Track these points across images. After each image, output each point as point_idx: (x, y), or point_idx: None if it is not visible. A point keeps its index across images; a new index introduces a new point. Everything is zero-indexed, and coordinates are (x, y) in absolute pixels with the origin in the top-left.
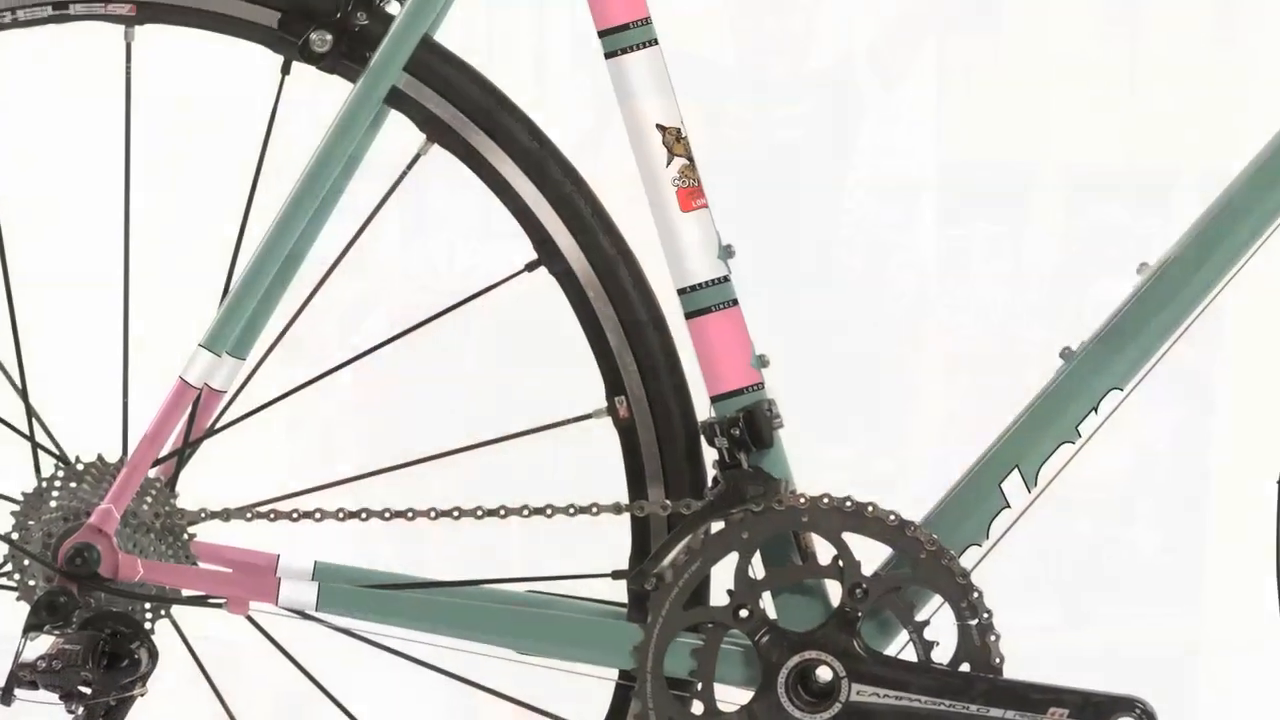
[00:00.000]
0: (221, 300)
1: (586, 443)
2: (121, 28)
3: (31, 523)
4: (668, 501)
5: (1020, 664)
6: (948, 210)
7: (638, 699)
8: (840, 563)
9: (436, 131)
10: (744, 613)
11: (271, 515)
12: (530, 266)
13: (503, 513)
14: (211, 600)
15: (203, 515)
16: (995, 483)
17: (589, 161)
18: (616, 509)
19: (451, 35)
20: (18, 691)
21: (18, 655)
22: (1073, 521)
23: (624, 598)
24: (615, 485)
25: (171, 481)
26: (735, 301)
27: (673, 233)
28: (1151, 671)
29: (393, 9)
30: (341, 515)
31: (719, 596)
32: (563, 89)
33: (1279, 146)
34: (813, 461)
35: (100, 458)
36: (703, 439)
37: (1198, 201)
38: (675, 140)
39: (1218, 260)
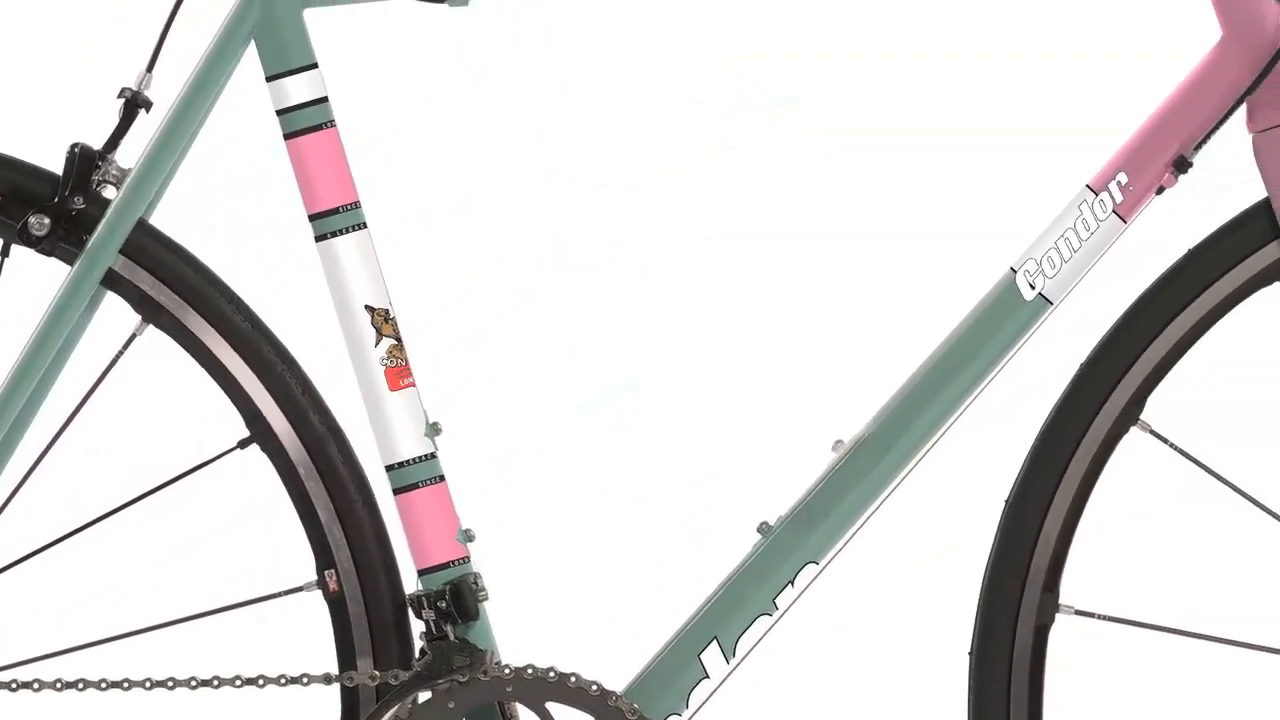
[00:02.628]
0: None
1: (298, 615)
2: None
3: None
4: (376, 672)
5: None
6: None
7: None
8: None
9: (151, 312)
10: None
11: None
12: (242, 443)
13: (216, 683)
14: None
15: None
16: (694, 653)
17: (299, 339)
18: (326, 679)
19: (168, 218)
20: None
21: None
22: None
23: None
24: (325, 656)
25: None
26: (442, 477)
27: (381, 410)
28: None
29: (109, 194)
30: (37, 687)
31: None
32: (278, 269)
33: (968, 329)
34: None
35: None
36: (410, 611)
37: None
38: (384, 321)
39: (909, 440)
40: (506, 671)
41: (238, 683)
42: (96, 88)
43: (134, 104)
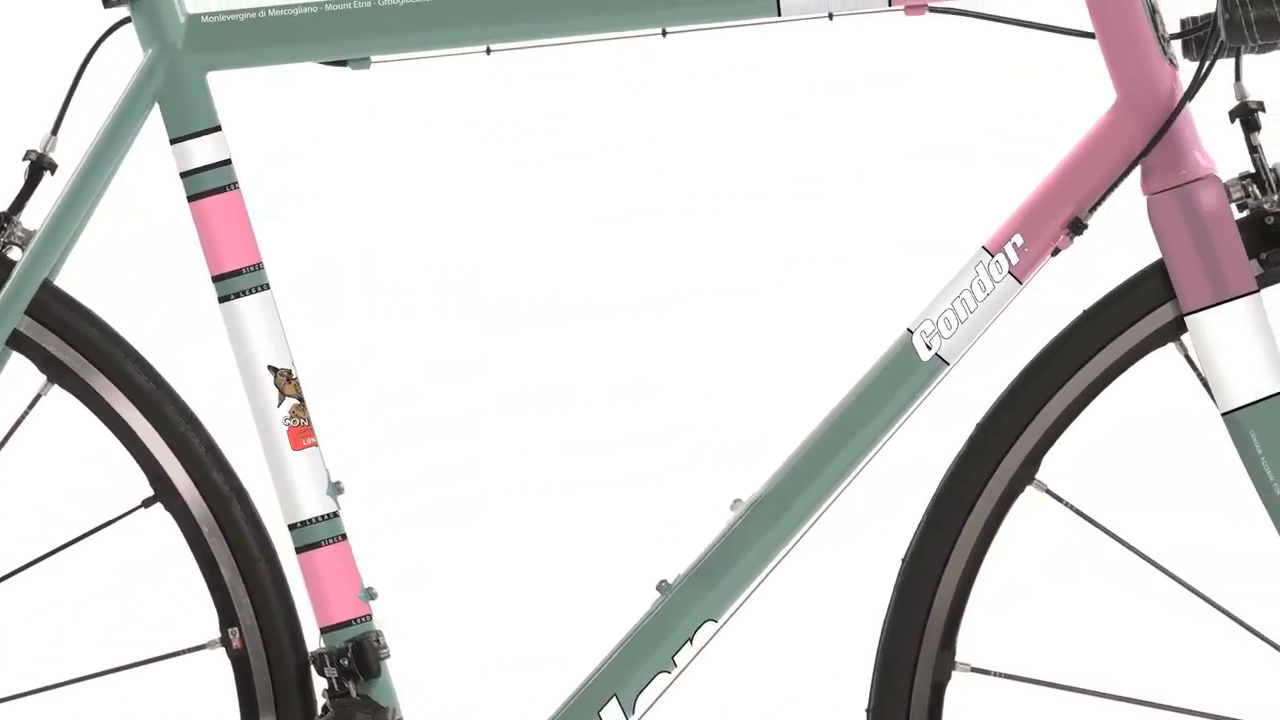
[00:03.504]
0: None
1: (201, 672)
2: None
3: None
4: None
5: None
6: None
7: None
8: None
9: (57, 373)
10: None
11: None
12: (147, 503)
13: None
14: None
15: None
16: (594, 710)
17: (203, 399)
18: None
19: (73, 279)
20: None
21: None
22: None
23: None
24: (229, 714)
25: None
26: (344, 536)
27: (283, 470)
28: None
29: (14, 255)
30: None
31: None
32: (183, 330)
33: (865, 389)
34: None
35: None
36: (313, 668)
37: None
38: (286, 381)
39: (806, 499)
40: None
41: None
42: (0, 151)
43: (39, 166)
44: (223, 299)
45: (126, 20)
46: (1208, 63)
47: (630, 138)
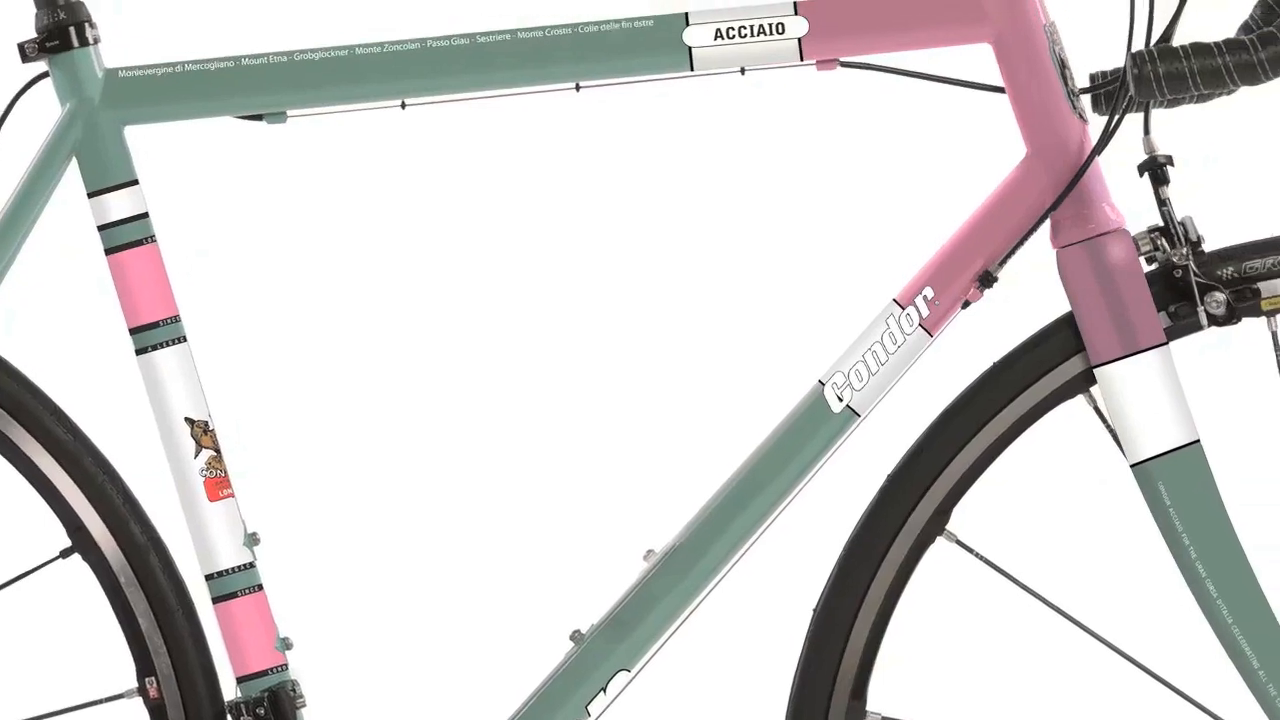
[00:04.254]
0: None
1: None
2: None
3: None
4: None
5: None
6: None
7: None
8: None
9: None
10: None
11: None
12: (64, 553)
13: None
14: None
15: None
16: None
17: (121, 450)
18: None
19: None
20: None
21: None
22: None
23: None
24: None
25: None
26: (260, 586)
27: (200, 521)
28: None
29: None
30: None
31: None
32: (100, 381)
33: (777, 440)
34: None
35: None
36: (229, 718)
37: None
38: (203, 433)
39: (719, 549)
40: None
41: None
42: None
43: None
44: (140, 351)
45: (45, 75)
46: (1117, 117)
47: (547, 189)
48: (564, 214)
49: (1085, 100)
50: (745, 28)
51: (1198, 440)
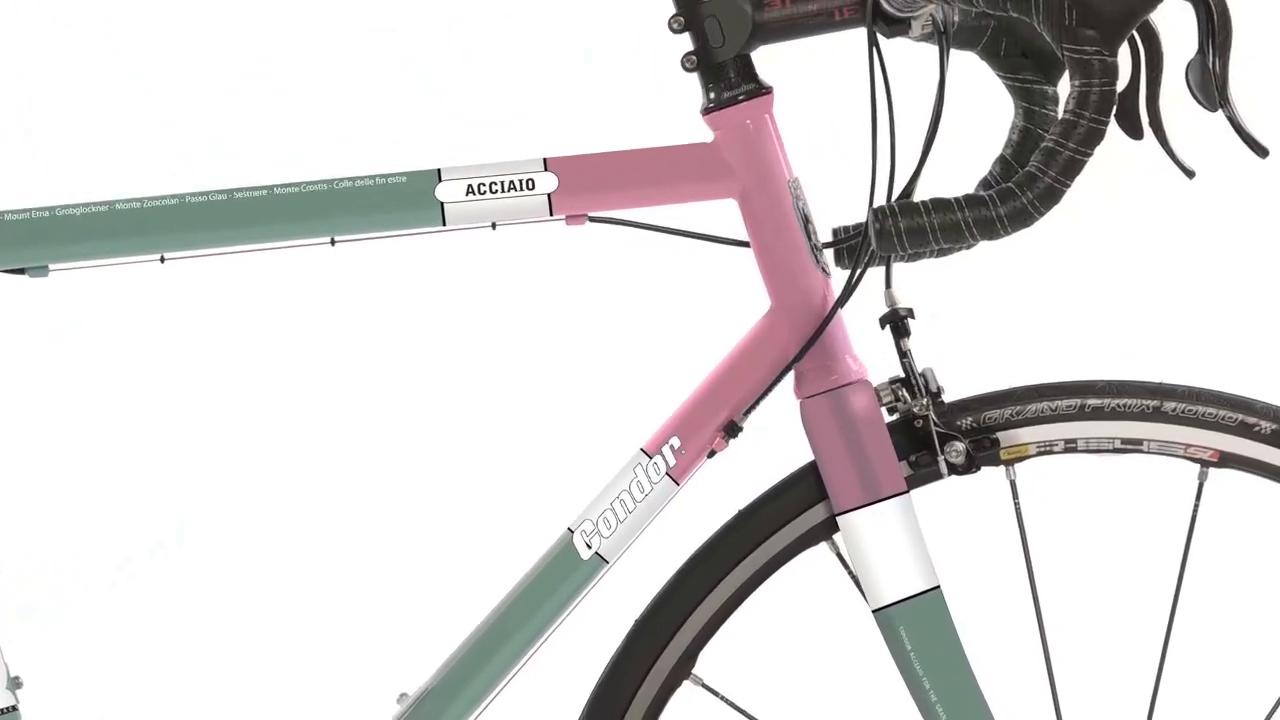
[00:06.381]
0: None
1: None
2: None
3: None
4: None
5: None
6: None
7: None
8: None
9: None
10: None
11: None
12: None
13: None
14: None
15: None
16: None
17: None
18: None
19: None
20: None
21: None
22: None
23: None
24: None
25: None
26: None
27: None
28: None
29: None
30: None
31: None
32: None
33: (528, 586)
34: None
35: None
36: None
37: None
38: None
39: (470, 693)
40: None
41: None
42: None
43: None
44: None
45: None
46: (859, 271)
47: (309, 341)
48: (320, 370)
49: (829, 254)
50: (496, 183)
51: (938, 586)
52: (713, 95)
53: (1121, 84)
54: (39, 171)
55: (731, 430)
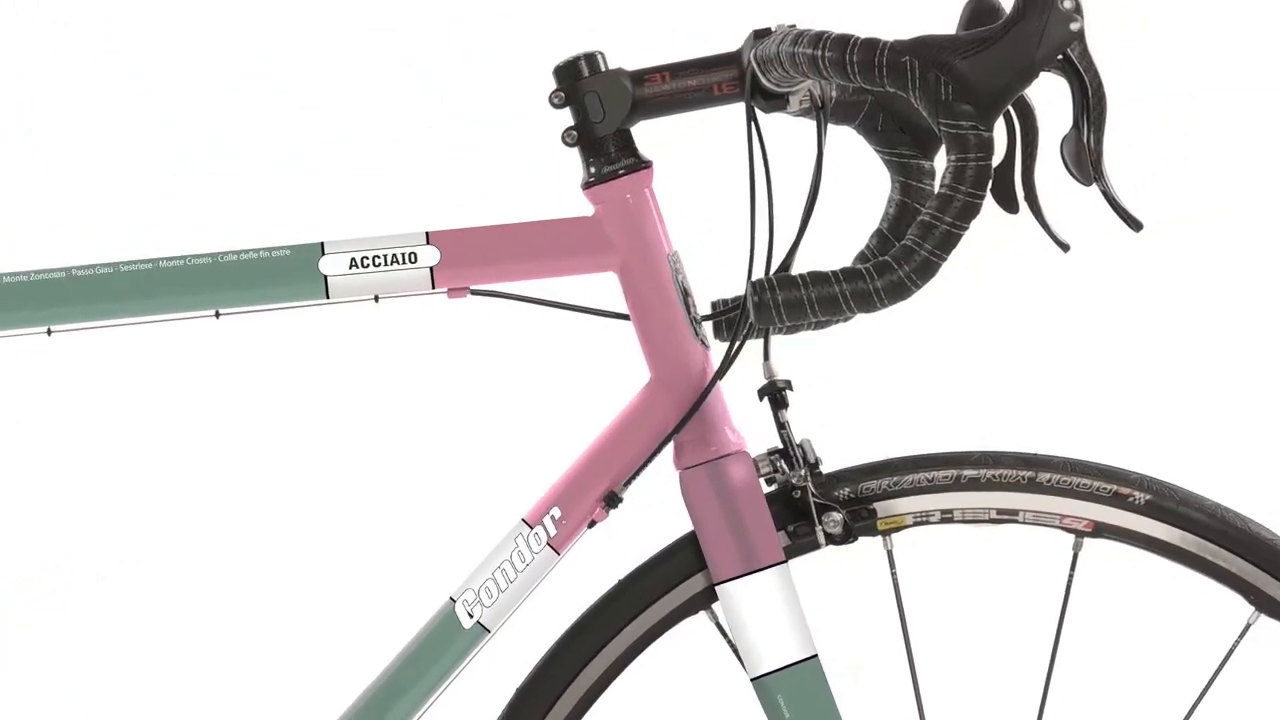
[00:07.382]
0: None
1: None
2: None
3: None
4: None
5: None
6: None
7: None
8: None
9: None
10: None
11: None
12: None
13: None
14: None
15: None
16: None
17: None
18: None
19: None
20: None
21: None
22: None
23: None
24: None
25: None
26: None
27: None
28: None
29: None
30: None
31: None
32: None
33: (410, 654)
34: None
35: None
36: None
37: None
38: None
39: None
40: None
41: None
42: None
43: None
44: None
45: None
46: (737, 344)
47: (194, 412)
48: (207, 440)
49: (708, 327)
50: (379, 257)
51: (815, 655)
52: (593, 170)
53: (997, 158)
54: (39, 171)
55: (612, 500)
